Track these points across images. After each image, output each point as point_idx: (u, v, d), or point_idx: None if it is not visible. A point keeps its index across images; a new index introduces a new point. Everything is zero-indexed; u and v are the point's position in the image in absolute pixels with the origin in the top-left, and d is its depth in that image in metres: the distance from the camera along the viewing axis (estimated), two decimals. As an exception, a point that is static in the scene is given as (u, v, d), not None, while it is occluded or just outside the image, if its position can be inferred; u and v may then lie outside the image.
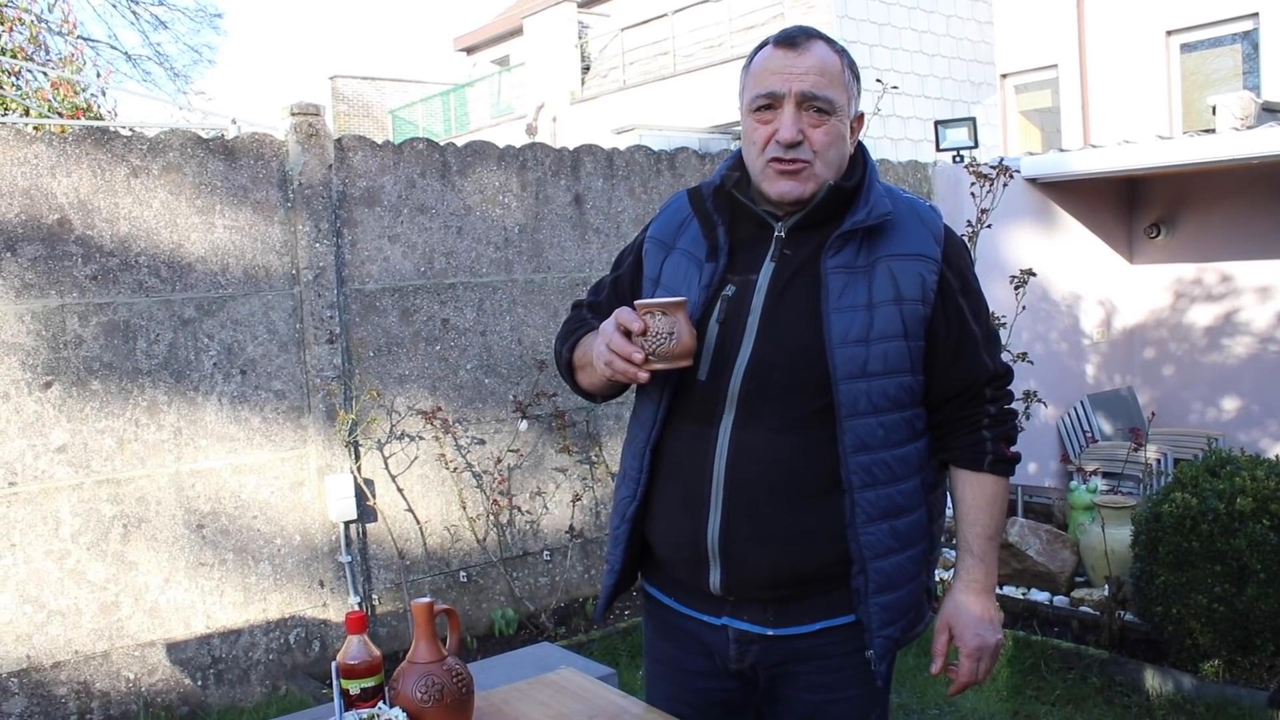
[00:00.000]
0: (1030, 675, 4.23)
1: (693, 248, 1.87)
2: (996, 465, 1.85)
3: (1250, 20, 11.33)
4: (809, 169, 1.75)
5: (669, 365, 1.69)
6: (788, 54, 1.75)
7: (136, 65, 16.29)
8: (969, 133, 6.80)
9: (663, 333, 1.68)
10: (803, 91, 1.73)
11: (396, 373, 4.88)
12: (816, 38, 1.78)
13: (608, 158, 5.61)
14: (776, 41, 1.77)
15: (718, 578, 1.79)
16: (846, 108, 1.78)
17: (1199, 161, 7.01)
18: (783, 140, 1.73)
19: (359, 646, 1.73)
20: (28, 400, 4.01)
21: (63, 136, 4.15)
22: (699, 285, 1.82)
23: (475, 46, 21.94)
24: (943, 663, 1.89)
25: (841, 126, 1.77)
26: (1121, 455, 6.49)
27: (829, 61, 1.76)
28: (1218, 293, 7.87)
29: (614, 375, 1.73)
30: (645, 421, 1.87)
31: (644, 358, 1.68)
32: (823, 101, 1.73)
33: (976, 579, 1.87)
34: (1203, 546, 3.91)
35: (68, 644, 4.09)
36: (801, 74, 1.73)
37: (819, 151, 1.75)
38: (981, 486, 1.86)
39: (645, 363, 1.68)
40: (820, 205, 1.78)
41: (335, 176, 4.72)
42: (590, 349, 1.84)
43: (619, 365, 1.69)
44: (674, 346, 1.68)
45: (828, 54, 1.76)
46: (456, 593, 5.05)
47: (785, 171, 1.75)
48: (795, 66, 1.74)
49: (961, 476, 1.87)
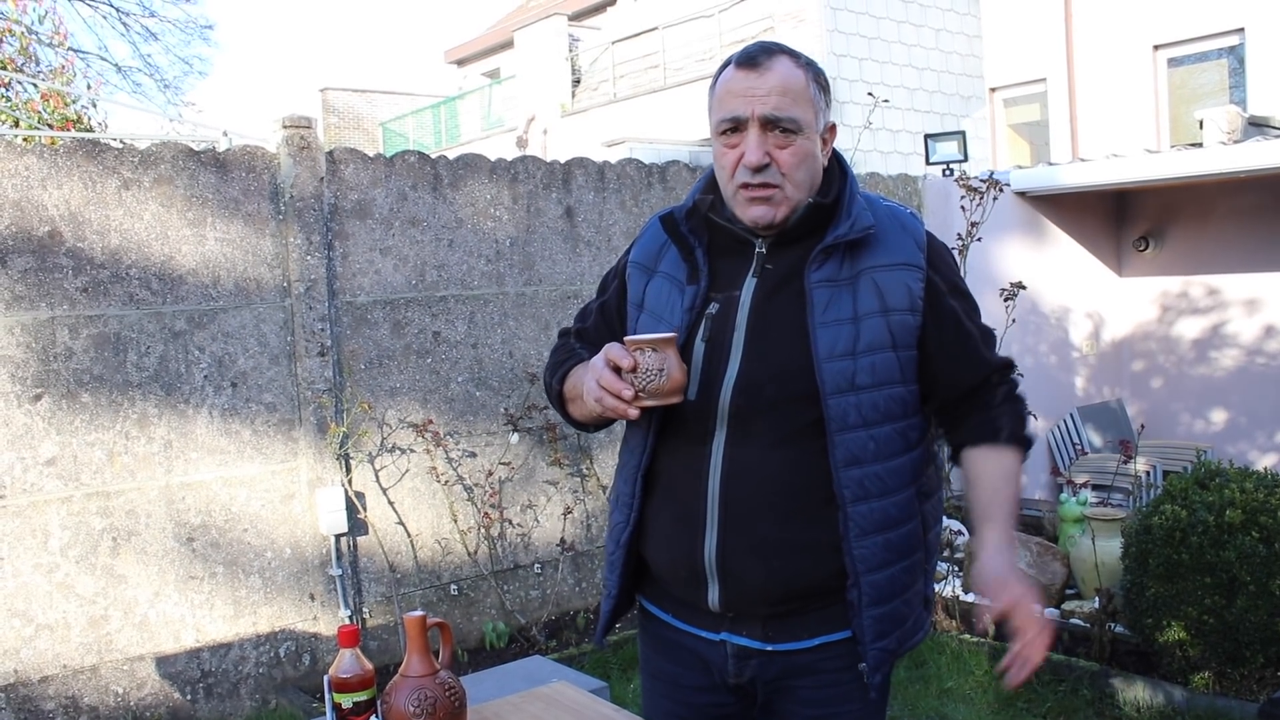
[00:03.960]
0: (1021, 688, 4.23)
1: (674, 271, 1.86)
2: (1014, 439, 1.84)
3: (1236, 35, 11.41)
4: (779, 193, 1.74)
5: (659, 402, 1.68)
6: (749, 75, 1.73)
7: (127, 77, 16.31)
8: (958, 146, 6.84)
9: (653, 369, 1.66)
10: (764, 115, 1.71)
11: (388, 385, 4.87)
12: (779, 54, 1.75)
13: (599, 171, 5.62)
14: (738, 62, 1.75)
15: (716, 595, 1.78)
16: (814, 123, 1.76)
17: (1187, 175, 7.06)
18: (748, 164, 1.72)
19: (351, 660, 1.72)
20: (17, 413, 3.99)
21: (53, 148, 4.15)
22: (682, 308, 1.81)
23: (466, 59, 21.99)
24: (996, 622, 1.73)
25: (809, 144, 1.75)
26: (1111, 467, 6.51)
27: (791, 79, 1.73)
28: (1206, 305, 7.91)
29: (604, 412, 1.72)
30: (635, 448, 1.87)
31: (634, 394, 1.67)
32: (787, 122, 1.71)
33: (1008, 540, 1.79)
34: (1192, 559, 3.92)
35: (56, 658, 4.07)
36: (764, 96, 1.71)
37: (787, 173, 1.73)
38: (1000, 458, 1.84)
39: (635, 399, 1.67)
40: (799, 223, 1.78)
41: (327, 189, 4.72)
42: (580, 382, 1.83)
43: (609, 402, 1.68)
44: (664, 383, 1.67)
45: (790, 71, 1.74)
46: (447, 606, 5.04)
47: (756, 198, 1.74)
48: (757, 88, 1.72)
49: (978, 453, 1.85)
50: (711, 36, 13.76)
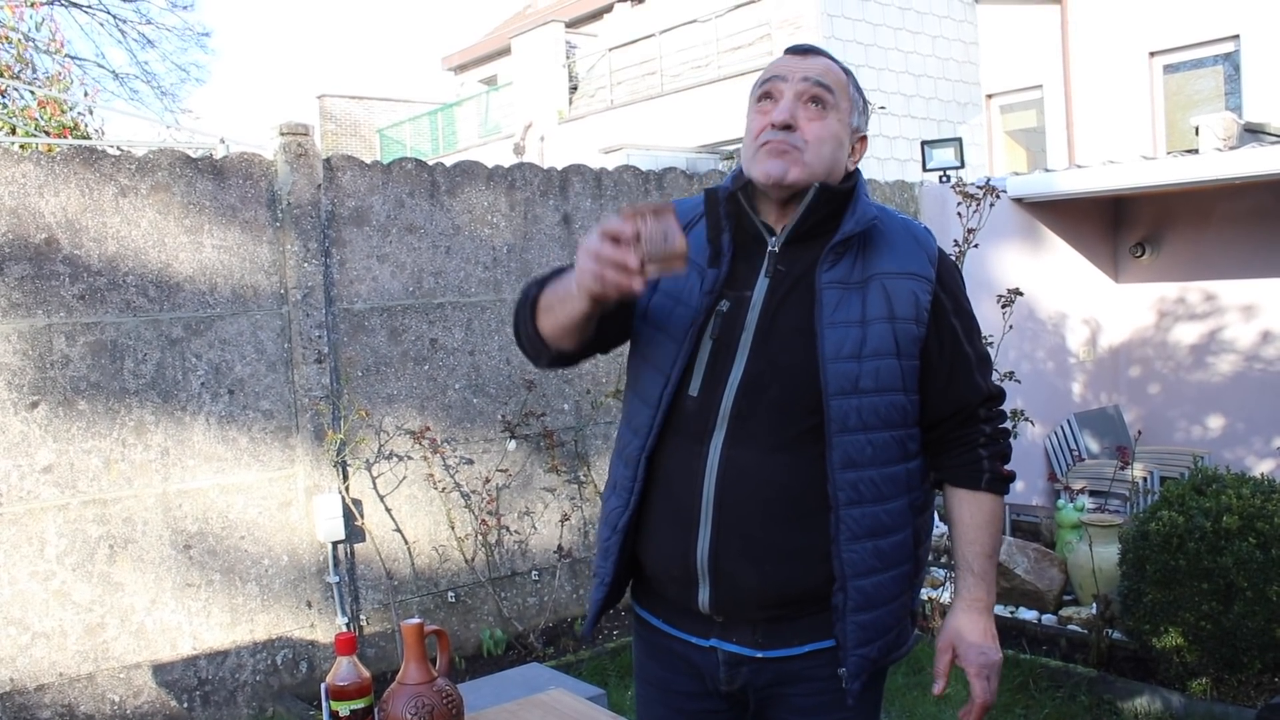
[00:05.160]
0: (1019, 694, 4.23)
1: (695, 253, 1.84)
2: (993, 484, 1.86)
3: (1232, 42, 11.44)
4: (797, 154, 1.75)
5: (664, 269, 1.61)
6: (795, 58, 1.82)
7: (124, 84, 16.28)
8: (955, 153, 6.85)
9: (657, 234, 1.60)
10: (805, 77, 1.78)
11: (385, 392, 4.87)
12: (824, 54, 1.85)
13: (596, 178, 5.63)
14: (788, 50, 1.85)
15: (707, 596, 1.78)
16: (848, 114, 1.82)
17: (1183, 181, 7.08)
18: (776, 121, 1.75)
19: (348, 668, 1.72)
20: (13, 420, 3.99)
21: (50, 155, 4.15)
22: (701, 291, 1.80)
23: (463, 66, 21.99)
24: (945, 683, 1.87)
25: (839, 128, 1.80)
26: (1108, 473, 6.52)
27: (835, 70, 1.82)
28: (1202, 311, 7.93)
29: (604, 288, 1.61)
30: (640, 429, 1.83)
31: (639, 263, 1.59)
32: (823, 90, 1.77)
33: (978, 598, 1.86)
34: (1189, 565, 3.92)
35: (52, 666, 4.06)
36: (808, 68, 1.79)
37: (810, 140, 1.76)
38: (979, 505, 1.87)
39: (641, 269, 1.59)
40: (810, 210, 1.78)
41: (324, 196, 4.72)
42: (564, 285, 1.76)
43: (611, 275, 1.59)
44: (669, 248, 1.59)
45: (834, 65, 1.83)
46: (444, 613, 5.03)
47: (774, 150, 1.75)
48: (802, 65, 1.80)
49: (959, 496, 1.88)
50: (708, 43, 13.78)
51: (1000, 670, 1.86)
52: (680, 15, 14.35)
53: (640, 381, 1.87)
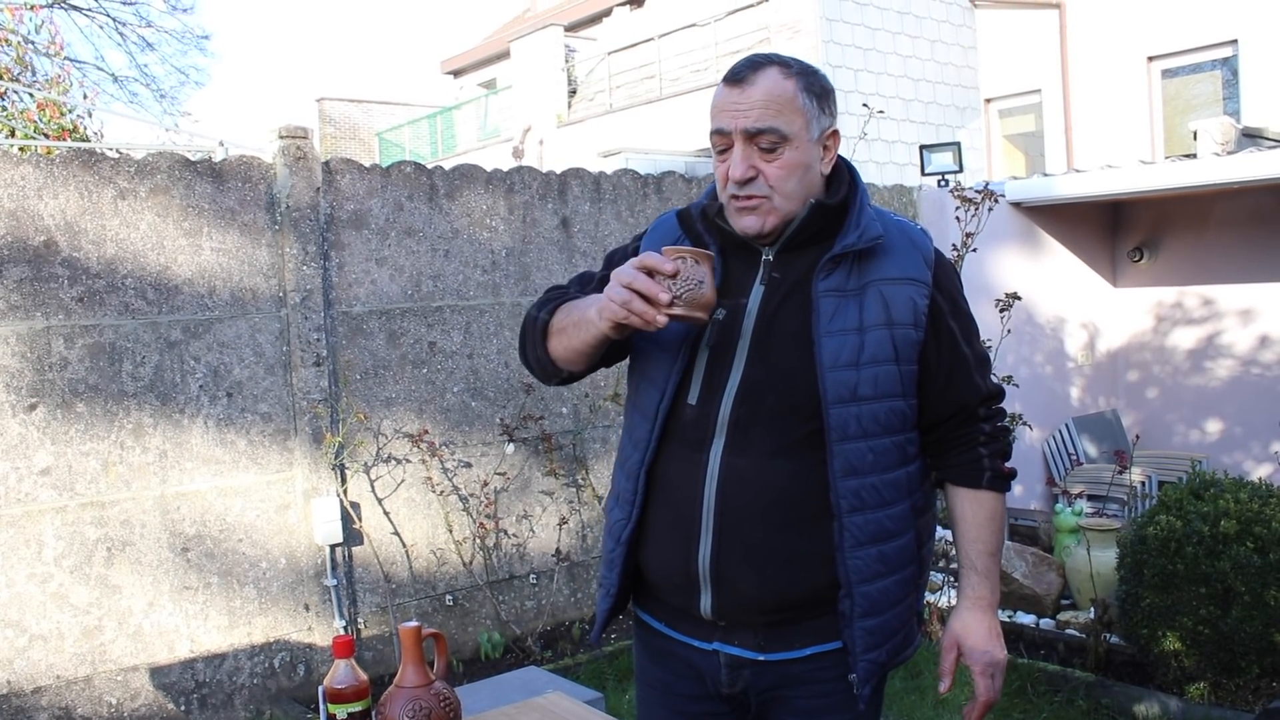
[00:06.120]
0: (1017, 698, 4.23)
1: None
2: (995, 481, 1.87)
3: (1230, 47, 11.47)
4: (767, 203, 1.75)
5: (691, 315, 1.63)
6: (733, 91, 1.74)
7: (123, 87, 16.25)
8: (954, 157, 6.85)
9: (693, 279, 1.62)
10: (745, 129, 1.72)
11: (383, 395, 4.87)
12: (767, 66, 1.75)
13: (595, 181, 5.63)
14: (725, 79, 1.77)
15: (709, 602, 1.79)
16: (804, 131, 1.74)
17: (1181, 186, 7.08)
18: (733, 178, 1.74)
19: (346, 671, 1.72)
20: (11, 423, 3.99)
21: (49, 158, 4.15)
22: None
23: (462, 69, 22.01)
24: (951, 681, 1.88)
25: (799, 154, 1.74)
26: (1106, 478, 6.52)
27: (776, 91, 1.73)
28: (1200, 316, 7.93)
29: (627, 318, 1.64)
30: (640, 441, 1.85)
31: (670, 300, 1.61)
32: (770, 133, 1.71)
33: (982, 595, 1.87)
34: (1187, 569, 3.92)
35: (49, 669, 4.05)
36: (745, 110, 1.72)
37: (775, 185, 1.74)
38: (981, 503, 1.87)
39: (669, 306, 1.61)
40: (805, 224, 1.78)
41: (323, 199, 4.72)
42: (580, 308, 1.79)
43: (638, 306, 1.62)
44: (701, 295, 1.62)
45: (776, 83, 1.73)
46: (442, 616, 5.03)
47: (744, 208, 1.76)
48: (740, 103, 1.73)
49: (960, 495, 1.88)
50: (708, 47, 13.79)
51: (1005, 668, 1.87)
52: (679, 19, 14.36)
53: (639, 394, 1.89)
